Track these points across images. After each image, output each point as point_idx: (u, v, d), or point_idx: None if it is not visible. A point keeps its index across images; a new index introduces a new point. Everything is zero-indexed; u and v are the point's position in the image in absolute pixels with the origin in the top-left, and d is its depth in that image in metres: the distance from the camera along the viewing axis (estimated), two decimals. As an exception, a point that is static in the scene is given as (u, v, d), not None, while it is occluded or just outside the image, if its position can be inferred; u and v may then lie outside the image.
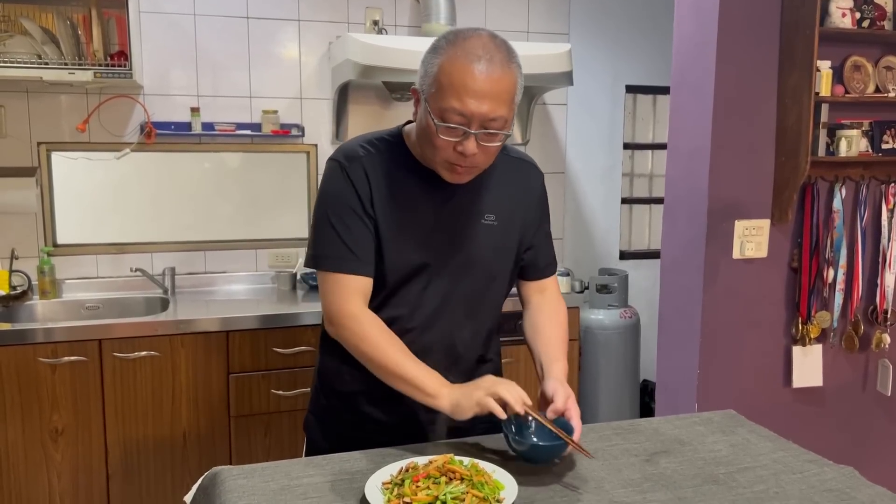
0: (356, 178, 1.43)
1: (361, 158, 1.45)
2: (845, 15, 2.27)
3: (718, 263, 2.35)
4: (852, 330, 2.49)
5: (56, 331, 2.48)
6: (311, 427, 1.63)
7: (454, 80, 1.30)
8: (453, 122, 1.31)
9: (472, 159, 1.35)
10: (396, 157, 1.47)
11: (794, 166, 2.27)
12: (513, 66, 1.35)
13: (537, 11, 3.48)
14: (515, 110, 1.39)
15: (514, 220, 1.54)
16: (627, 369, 3.45)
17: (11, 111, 2.87)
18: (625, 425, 1.56)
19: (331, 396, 1.58)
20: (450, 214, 1.47)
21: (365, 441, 1.45)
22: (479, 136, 1.33)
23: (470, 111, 1.30)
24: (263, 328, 2.64)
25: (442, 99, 1.32)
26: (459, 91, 1.30)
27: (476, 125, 1.32)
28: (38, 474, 2.49)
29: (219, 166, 3.14)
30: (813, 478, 1.32)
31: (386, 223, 1.43)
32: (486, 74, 1.30)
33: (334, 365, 1.57)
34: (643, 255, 3.81)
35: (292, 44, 3.17)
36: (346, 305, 1.42)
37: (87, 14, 2.74)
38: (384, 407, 1.51)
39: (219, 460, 2.62)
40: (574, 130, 3.62)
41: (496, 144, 1.37)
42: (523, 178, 1.58)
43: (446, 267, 1.47)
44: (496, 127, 1.33)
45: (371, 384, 1.48)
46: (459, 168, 1.37)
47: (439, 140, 1.34)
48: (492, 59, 1.31)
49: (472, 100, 1.30)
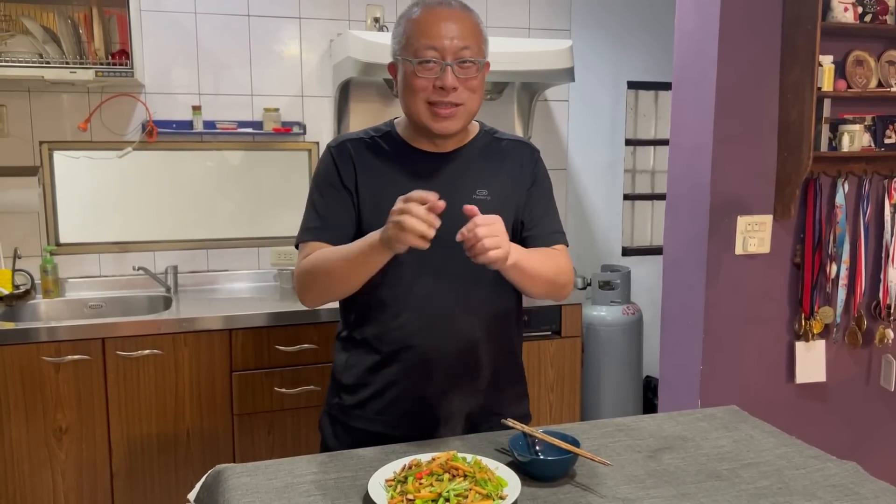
0: (340, 159, 1.52)
1: (349, 143, 1.54)
2: (847, 9, 2.26)
3: (721, 259, 2.35)
4: (855, 325, 2.49)
5: (59, 330, 2.48)
6: (324, 427, 1.64)
7: (420, 24, 1.43)
8: (428, 57, 1.41)
9: (455, 95, 1.43)
10: (387, 142, 1.55)
11: (797, 162, 2.27)
12: (471, 11, 1.48)
13: (539, 8, 3.48)
14: (486, 51, 1.48)
15: (509, 197, 1.53)
16: (630, 366, 3.45)
17: (13, 110, 2.88)
18: (628, 422, 1.56)
19: (342, 393, 1.59)
20: (442, 191, 1.44)
21: (376, 438, 1.46)
22: (455, 68, 1.42)
23: (441, 44, 1.41)
24: (266, 326, 2.64)
25: (414, 43, 1.43)
26: (427, 29, 1.42)
27: (450, 56, 1.41)
28: (42, 473, 2.50)
29: (220, 164, 3.14)
30: (816, 473, 1.32)
31: (372, 201, 1.48)
32: (447, 11, 1.44)
33: (343, 360, 1.58)
34: (645, 251, 3.81)
35: (293, 41, 3.17)
36: (296, 274, 1.50)
37: (89, 13, 2.74)
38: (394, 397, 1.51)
39: (222, 458, 2.63)
40: (576, 127, 3.61)
41: (473, 77, 1.44)
42: (517, 156, 1.59)
43: (438, 243, 1.45)
44: (468, 55, 1.42)
45: (378, 377, 1.50)
46: (442, 109, 1.43)
47: (418, 81, 1.43)
48: (450, 4, 1.46)
49: (440, 32, 1.41)
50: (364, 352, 1.53)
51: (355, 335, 1.55)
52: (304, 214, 1.54)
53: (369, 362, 1.52)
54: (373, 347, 1.52)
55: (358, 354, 1.54)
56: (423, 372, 1.49)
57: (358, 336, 1.54)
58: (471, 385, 1.52)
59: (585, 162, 3.65)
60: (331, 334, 2.69)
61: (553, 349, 3.01)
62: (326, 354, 2.70)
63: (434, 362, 1.48)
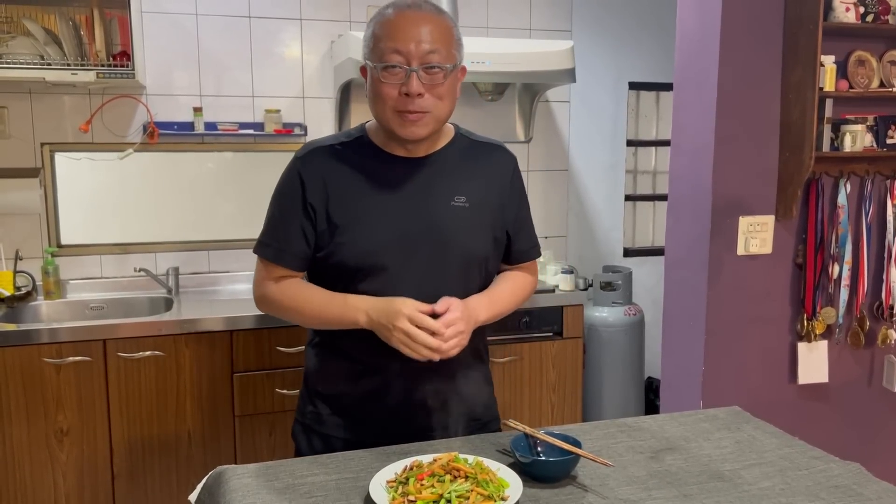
0: (307, 174, 1.47)
1: (318, 151, 1.49)
2: (849, 9, 2.26)
3: (723, 260, 2.35)
4: (858, 326, 2.48)
5: (60, 331, 2.48)
6: (297, 436, 1.59)
7: (388, 26, 1.39)
8: (393, 62, 1.37)
9: (420, 102, 1.38)
10: (359, 150, 1.50)
11: (799, 162, 2.26)
12: (443, 14, 1.42)
13: (539, 9, 3.48)
14: (459, 56, 1.43)
15: (486, 202, 1.51)
16: (632, 367, 3.44)
17: (14, 112, 2.88)
18: (629, 423, 1.56)
19: (317, 402, 1.55)
20: (418, 198, 1.46)
21: (353, 447, 1.43)
22: (421, 74, 1.37)
23: (406, 48, 1.36)
24: (267, 327, 2.64)
25: (379, 46, 1.39)
26: (394, 32, 1.37)
27: (416, 62, 1.37)
28: (43, 475, 2.50)
29: (222, 166, 3.14)
30: (819, 474, 1.31)
31: (344, 213, 1.44)
32: (416, 14, 1.39)
33: (317, 365, 1.56)
34: (647, 252, 3.80)
35: (294, 43, 3.17)
36: (259, 289, 1.53)
37: (90, 14, 2.74)
38: (372, 406, 1.49)
39: (223, 459, 2.62)
40: (577, 127, 3.61)
41: (440, 84, 1.39)
42: (493, 161, 1.56)
43: (417, 251, 1.44)
44: (435, 61, 1.37)
45: (357, 383, 1.48)
46: (409, 115, 1.39)
47: (384, 87, 1.39)
48: (420, 6, 1.40)
49: (406, 35, 1.36)
50: (342, 360, 1.51)
51: (334, 343, 1.52)
52: (267, 220, 1.53)
53: (347, 371, 1.50)
54: (351, 356, 1.49)
55: (335, 363, 1.52)
56: (404, 381, 1.46)
57: (337, 344, 1.52)
58: (450, 390, 1.50)
59: (587, 163, 3.64)
60: (332, 335, 2.69)
61: (555, 350, 3.01)
62: (328, 356, 2.69)
63: (414, 369, 1.43)
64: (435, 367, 1.40)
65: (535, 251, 1.63)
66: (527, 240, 1.61)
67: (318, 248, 1.47)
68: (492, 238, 1.52)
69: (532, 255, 1.63)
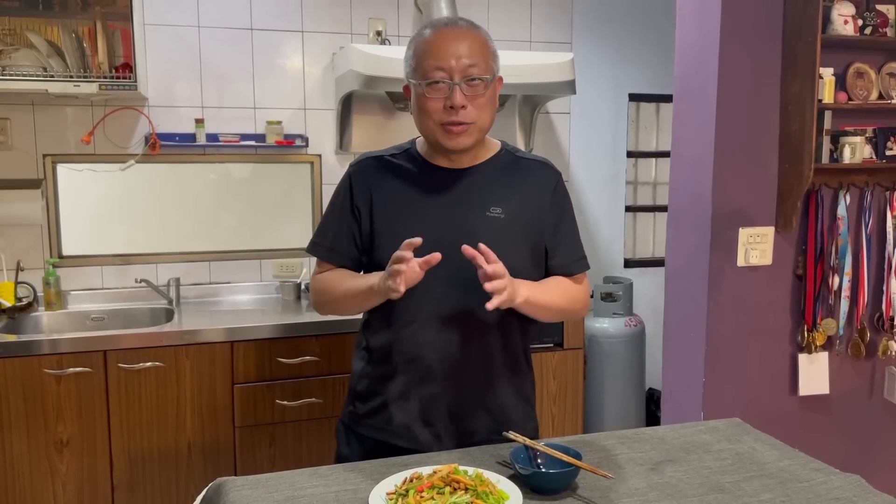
0: (356, 180, 1.58)
1: (369, 160, 1.59)
2: (847, 22, 2.27)
3: (723, 271, 2.35)
4: (858, 337, 2.48)
5: (61, 342, 2.48)
6: (339, 434, 1.66)
7: (429, 45, 1.47)
8: (436, 78, 1.44)
9: (464, 114, 1.45)
10: (406, 160, 1.58)
11: (798, 173, 2.27)
12: (479, 29, 1.52)
13: (540, 21, 3.50)
14: (496, 67, 1.51)
15: (523, 215, 1.54)
16: (633, 378, 3.44)
17: (17, 124, 2.89)
18: (630, 434, 1.56)
19: (356, 402, 1.61)
20: (455, 207, 1.52)
21: (384, 448, 1.50)
22: (463, 87, 1.44)
23: (448, 64, 1.44)
24: (268, 338, 2.64)
25: (422, 64, 1.46)
26: (435, 50, 1.45)
27: (458, 76, 1.44)
28: (43, 486, 2.49)
29: (223, 177, 3.15)
30: (819, 486, 1.31)
31: (384, 219, 1.53)
32: (453, 31, 1.48)
33: (359, 368, 1.62)
34: (648, 262, 3.80)
35: (296, 55, 3.18)
36: (311, 284, 1.64)
37: (93, 27, 2.75)
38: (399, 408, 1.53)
39: (224, 471, 2.62)
40: (577, 139, 3.62)
41: (481, 95, 1.46)
42: (535, 176, 1.58)
43: (451, 258, 1.45)
44: (476, 73, 1.45)
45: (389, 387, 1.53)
46: (454, 127, 1.46)
47: (429, 102, 1.46)
48: (456, 23, 1.51)
49: (447, 52, 1.44)
50: (378, 361, 1.56)
51: (372, 344, 1.58)
52: (321, 221, 1.65)
53: (381, 371, 1.55)
54: (386, 357, 1.54)
55: (373, 363, 1.58)
56: (432, 384, 1.50)
57: (374, 345, 1.58)
58: (477, 399, 1.54)
59: (587, 174, 3.65)
60: (332, 346, 2.70)
61: (555, 361, 3.01)
62: (328, 366, 2.69)
63: (443, 374, 1.49)
64: (465, 376, 1.48)
65: (577, 265, 1.62)
66: (568, 254, 1.60)
67: (363, 252, 1.58)
68: (528, 250, 1.54)
69: (574, 269, 1.61)
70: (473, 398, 1.53)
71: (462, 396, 1.52)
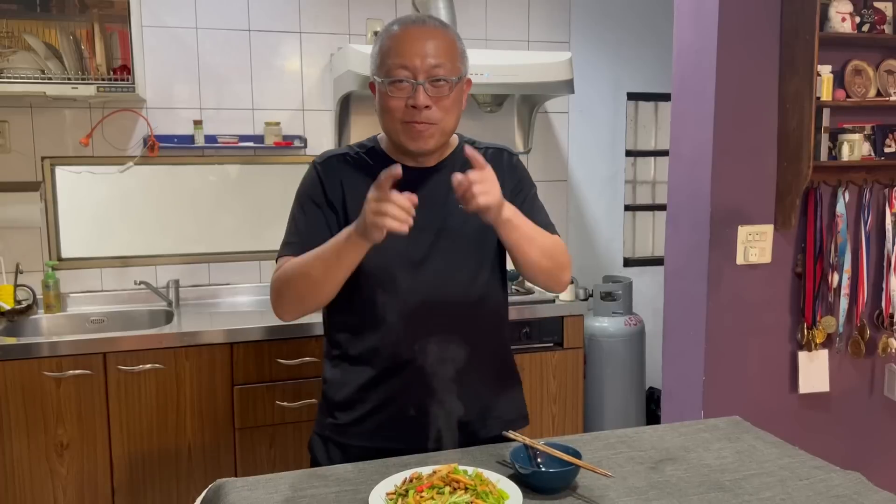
0: (326, 175, 1.52)
1: (335, 158, 1.55)
2: (845, 19, 2.27)
3: (722, 269, 2.35)
4: (858, 335, 2.48)
5: (61, 344, 2.48)
6: (315, 448, 1.61)
7: (394, 42, 1.42)
8: (400, 76, 1.40)
9: (427, 114, 1.42)
10: (371, 158, 1.54)
11: (797, 171, 2.27)
12: (447, 29, 1.46)
13: (538, 20, 3.50)
14: (464, 69, 1.47)
15: None
16: (633, 377, 3.44)
17: (15, 126, 2.89)
18: (629, 433, 1.56)
19: (335, 412, 1.57)
20: (426, 202, 1.45)
21: (373, 453, 1.45)
22: (427, 87, 1.41)
23: (413, 63, 1.40)
24: (267, 340, 2.64)
25: (386, 62, 1.42)
26: (399, 48, 1.41)
27: (422, 76, 1.40)
28: (43, 489, 2.49)
29: (222, 178, 3.15)
30: (820, 484, 1.31)
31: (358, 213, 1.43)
32: (421, 30, 1.43)
33: (335, 377, 1.58)
34: (647, 262, 3.81)
35: (294, 56, 3.18)
36: (272, 283, 1.52)
37: (90, 29, 2.76)
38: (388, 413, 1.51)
39: (224, 472, 2.62)
40: (576, 138, 3.62)
41: (446, 96, 1.43)
42: (497, 163, 1.56)
43: (426, 254, 1.45)
44: (441, 74, 1.41)
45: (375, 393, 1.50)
46: (417, 126, 1.42)
47: (391, 101, 1.42)
48: (424, 22, 1.46)
49: (412, 50, 1.40)
50: (359, 368, 1.53)
51: (349, 352, 1.54)
52: (289, 222, 1.56)
53: (365, 378, 1.52)
54: (368, 363, 1.51)
55: (352, 371, 1.54)
56: (422, 384, 1.47)
57: (352, 352, 1.54)
58: (469, 392, 1.51)
59: (586, 173, 3.65)
60: (332, 347, 2.69)
61: (555, 361, 3.01)
62: (328, 367, 2.69)
63: (432, 374, 1.46)
64: (451, 376, 1.43)
65: (549, 230, 1.59)
66: (539, 223, 1.56)
67: None
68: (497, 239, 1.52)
69: None
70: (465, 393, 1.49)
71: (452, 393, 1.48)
